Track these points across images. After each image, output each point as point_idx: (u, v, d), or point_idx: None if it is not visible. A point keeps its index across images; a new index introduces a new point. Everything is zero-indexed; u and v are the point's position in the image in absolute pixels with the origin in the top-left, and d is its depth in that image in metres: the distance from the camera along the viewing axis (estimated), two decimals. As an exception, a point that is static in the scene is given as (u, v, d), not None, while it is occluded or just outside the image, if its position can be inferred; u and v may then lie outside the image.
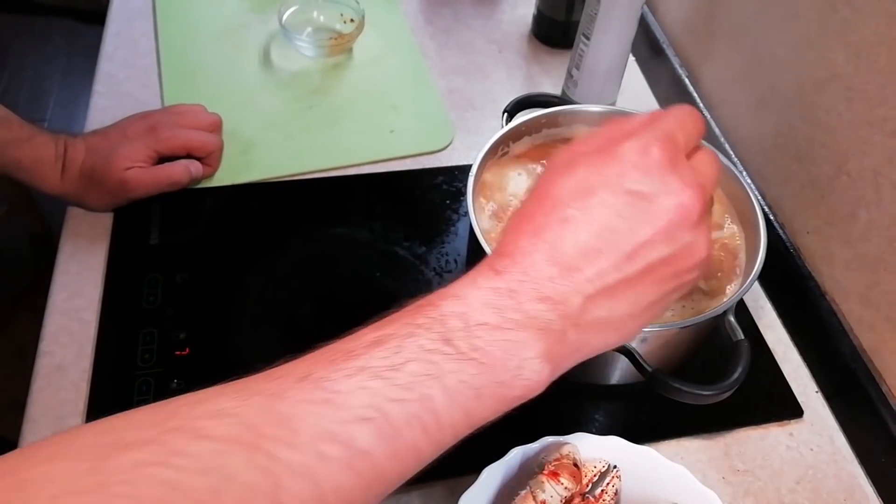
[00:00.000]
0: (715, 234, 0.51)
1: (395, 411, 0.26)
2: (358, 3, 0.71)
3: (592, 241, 0.29)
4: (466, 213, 0.51)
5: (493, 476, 0.40)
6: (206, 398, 0.25)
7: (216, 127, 0.60)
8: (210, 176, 0.59)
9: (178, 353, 0.49)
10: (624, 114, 0.54)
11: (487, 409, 0.28)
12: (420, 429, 0.26)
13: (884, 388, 0.47)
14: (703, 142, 0.35)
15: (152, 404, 0.25)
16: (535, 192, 0.32)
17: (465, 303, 0.28)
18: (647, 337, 0.43)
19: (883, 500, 0.47)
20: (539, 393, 0.29)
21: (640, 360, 0.42)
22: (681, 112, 0.33)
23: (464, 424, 0.28)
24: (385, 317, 0.29)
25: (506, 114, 0.55)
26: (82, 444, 0.23)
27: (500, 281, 0.29)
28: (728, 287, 0.48)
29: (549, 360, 0.29)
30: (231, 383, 0.26)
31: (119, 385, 0.47)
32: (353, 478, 0.25)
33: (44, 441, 0.23)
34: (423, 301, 0.29)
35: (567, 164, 0.31)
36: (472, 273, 0.30)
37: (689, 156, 0.32)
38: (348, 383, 0.26)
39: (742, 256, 0.49)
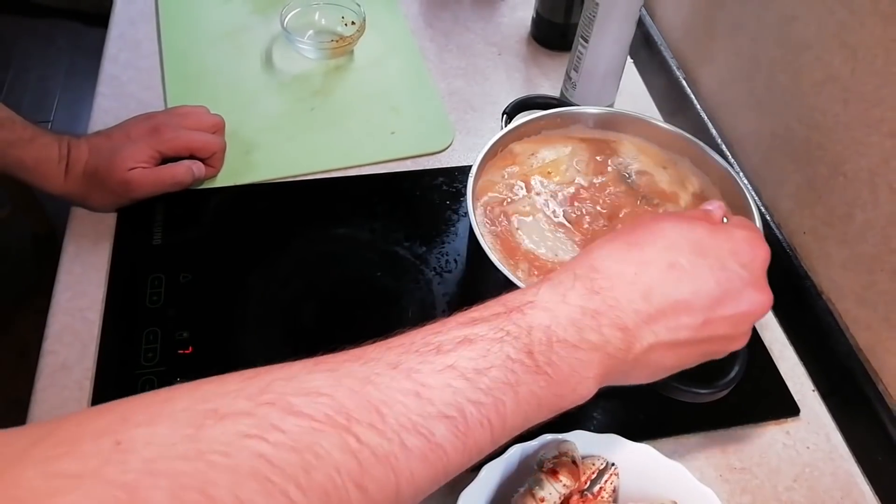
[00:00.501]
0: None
1: (471, 412, 0.27)
2: (359, 5, 0.72)
3: (688, 296, 0.32)
4: (466, 214, 0.51)
5: (492, 473, 0.40)
6: (298, 373, 0.26)
7: (219, 128, 0.60)
8: (213, 177, 0.60)
9: (181, 351, 0.49)
10: (625, 116, 0.55)
11: (542, 415, 0.30)
12: (488, 429, 0.28)
13: (880, 387, 0.48)
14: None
15: (241, 372, 0.26)
16: (649, 227, 0.34)
17: (552, 316, 0.30)
18: (645, 336, 0.43)
19: (879, 498, 0.47)
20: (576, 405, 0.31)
21: (638, 359, 0.42)
22: (760, 239, 0.37)
23: (522, 427, 0.30)
24: (470, 308, 0.30)
25: (505, 115, 0.56)
26: (180, 408, 0.24)
27: (591, 301, 0.31)
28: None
29: (598, 382, 0.31)
30: (320, 359, 0.27)
31: (122, 384, 0.47)
32: (426, 468, 0.26)
33: (137, 399, 0.24)
34: (511, 300, 0.30)
35: (685, 220, 0.34)
36: (563, 282, 0.31)
37: None
38: (436, 378, 0.27)
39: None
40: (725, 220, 0.39)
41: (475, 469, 0.40)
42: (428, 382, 0.27)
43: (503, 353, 0.28)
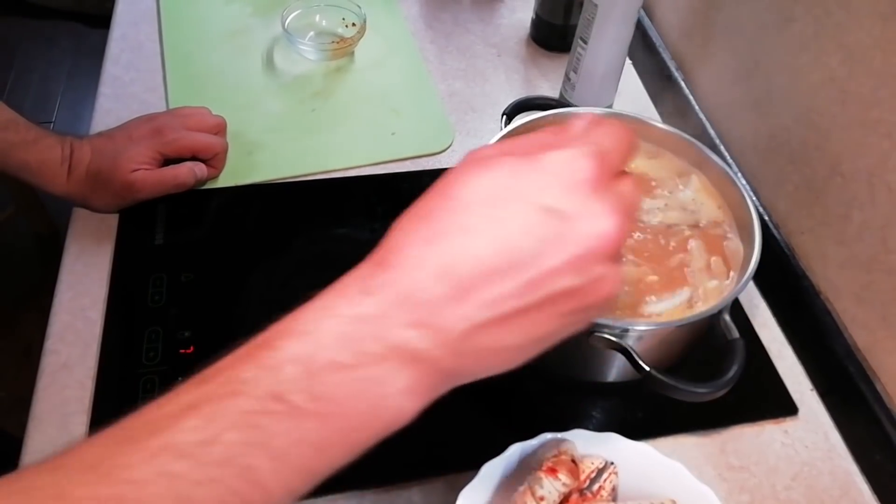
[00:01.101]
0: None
1: (203, 495, 0.22)
2: (359, 7, 0.72)
3: (494, 259, 0.25)
4: (466, 214, 0.51)
5: (492, 472, 0.41)
6: None
7: (221, 129, 0.60)
8: (214, 177, 0.60)
9: (182, 351, 0.49)
10: (624, 117, 0.55)
11: (336, 458, 0.25)
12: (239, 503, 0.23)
13: (878, 386, 0.48)
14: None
15: None
16: (438, 188, 0.27)
17: (312, 340, 0.24)
18: (644, 335, 0.44)
19: (877, 496, 0.47)
20: (409, 421, 0.26)
21: (637, 359, 0.42)
22: (619, 128, 0.29)
23: (305, 481, 0.24)
24: (218, 361, 0.25)
25: (505, 116, 0.56)
26: None
27: (366, 305, 0.24)
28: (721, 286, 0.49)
29: (417, 393, 0.25)
30: (19, 475, 0.22)
31: (124, 383, 0.48)
32: None
33: None
34: (261, 338, 0.25)
35: (482, 162, 0.27)
36: (336, 290, 0.25)
37: (615, 179, 0.28)
38: (147, 469, 0.22)
39: (738, 257, 0.50)
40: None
41: (475, 467, 0.40)
42: (136, 478, 0.21)
43: (236, 410, 0.23)
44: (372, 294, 0.25)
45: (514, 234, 0.25)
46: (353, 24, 0.73)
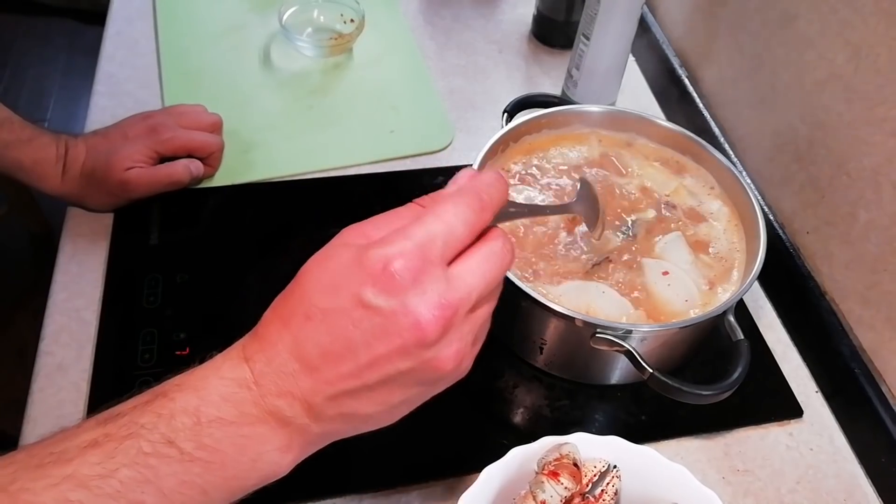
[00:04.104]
0: (714, 238, 0.51)
1: None
2: (358, 3, 0.71)
3: (332, 345, 0.28)
4: (466, 213, 0.51)
5: (493, 476, 0.40)
6: None
7: (216, 127, 0.60)
8: (210, 176, 0.59)
9: (178, 352, 0.49)
10: (627, 114, 0.54)
11: (217, 501, 0.28)
12: None
13: (883, 388, 0.47)
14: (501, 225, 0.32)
15: None
16: (297, 276, 0.30)
17: (201, 395, 0.28)
18: (647, 337, 0.43)
19: (883, 500, 0.47)
20: (285, 473, 0.30)
21: (640, 360, 0.42)
22: (451, 206, 0.30)
23: None
24: (121, 402, 0.28)
25: (506, 114, 0.55)
26: None
27: (244, 370, 0.28)
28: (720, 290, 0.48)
29: (291, 450, 0.29)
30: None
31: (119, 384, 0.47)
32: None
33: None
34: (160, 388, 0.28)
35: (329, 251, 0.30)
36: (223, 356, 0.29)
37: (464, 251, 0.30)
38: (50, 494, 0.25)
39: (741, 256, 0.50)
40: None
41: (476, 471, 0.40)
42: (39, 502, 0.25)
43: (133, 450, 0.26)
44: (249, 361, 0.29)
45: (342, 327, 0.28)
46: (352, 21, 0.72)
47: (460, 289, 0.29)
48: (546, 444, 0.41)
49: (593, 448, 0.42)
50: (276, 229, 0.57)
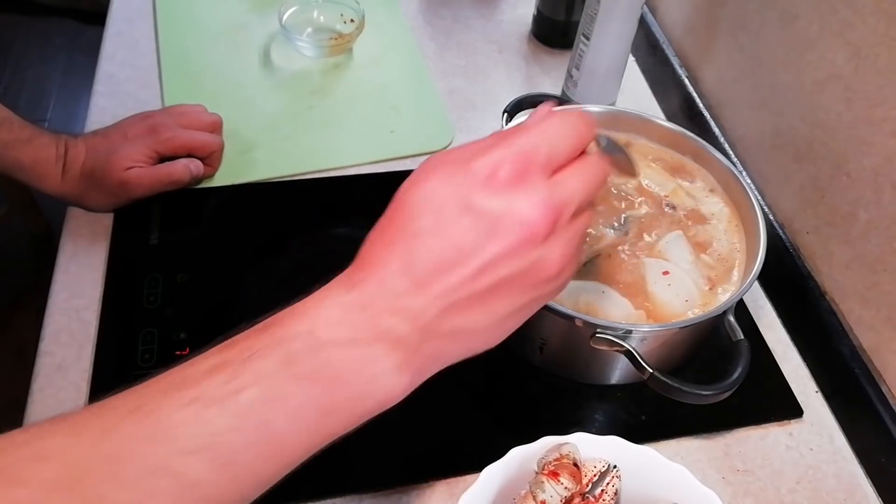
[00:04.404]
0: (715, 239, 0.51)
1: (230, 440, 0.25)
2: (358, 3, 0.71)
3: (442, 256, 0.29)
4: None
5: (492, 476, 0.40)
6: (33, 437, 0.24)
7: (216, 127, 0.60)
8: (210, 176, 0.59)
9: (178, 352, 0.49)
10: (627, 114, 0.54)
11: (339, 423, 0.28)
12: (260, 455, 0.26)
13: (883, 388, 0.47)
14: (608, 146, 0.34)
15: None
16: (394, 202, 0.31)
17: (313, 321, 0.28)
18: (647, 337, 0.43)
19: (883, 500, 0.47)
20: (400, 398, 0.29)
21: (640, 360, 0.42)
22: (555, 122, 0.31)
23: (312, 443, 0.28)
24: (233, 336, 0.28)
25: (506, 114, 0.55)
26: None
27: (352, 295, 0.29)
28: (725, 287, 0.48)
29: (405, 371, 0.29)
30: (65, 416, 0.25)
31: (119, 385, 0.46)
32: None
33: None
34: (271, 319, 0.29)
35: (424, 174, 0.31)
36: (327, 287, 0.30)
37: (564, 166, 0.31)
38: (181, 414, 0.25)
39: (741, 256, 0.50)
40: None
41: (475, 471, 0.40)
42: (172, 420, 0.25)
43: (255, 371, 0.26)
44: (355, 287, 0.29)
45: (452, 235, 0.29)
46: (352, 21, 0.72)
47: (564, 193, 0.30)
48: (546, 444, 0.41)
49: (593, 448, 0.42)
50: (277, 229, 0.57)
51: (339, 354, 0.28)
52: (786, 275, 0.55)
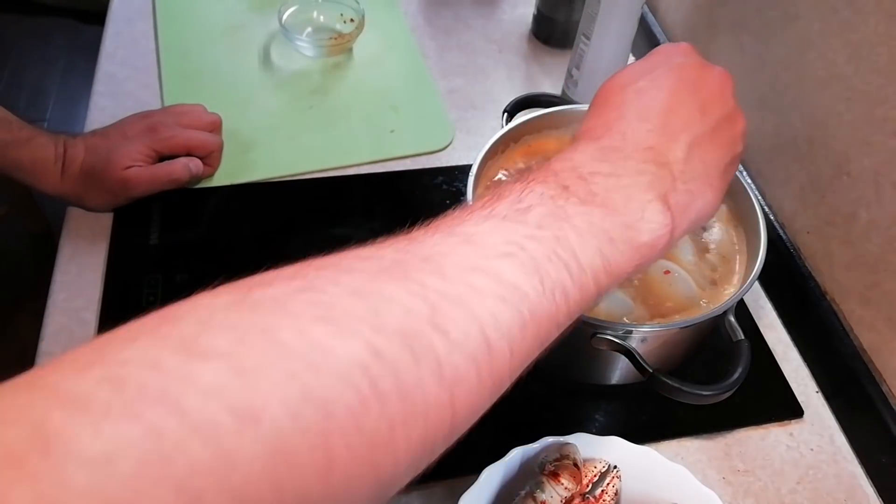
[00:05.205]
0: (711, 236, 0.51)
1: (533, 247, 0.25)
2: (358, 3, 0.71)
3: (669, 100, 0.32)
4: (466, 213, 0.50)
5: (493, 476, 0.40)
6: (338, 256, 0.24)
7: (216, 127, 0.60)
8: (210, 176, 0.59)
9: (177, 353, 0.49)
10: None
11: (624, 255, 0.28)
12: (563, 267, 0.26)
13: (884, 388, 0.47)
14: None
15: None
16: (598, 98, 0.34)
17: (573, 161, 0.29)
18: (647, 337, 0.43)
19: (883, 500, 0.47)
20: (667, 248, 0.30)
21: (641, 360, 0.42)
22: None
23: (602, 270, 0.27)
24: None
25: (506, 114, 0.55)
26: (220, 291, 0.22)
27: (602, 142, 0.30)
28: (727, 287, 0.48)
29: (668, 207, 0.30)
30: (354, 249, 0.25)
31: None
32: (507, 310, 0.24)
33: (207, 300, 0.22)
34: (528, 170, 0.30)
35: (622, 71, 0.34)
36: (570, 147, 0.31)
37: None
38: (481, 227, 0.26)
39: (741, 256, 0.49)
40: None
41: (476, 472, 0.40)
42: (475, 231, 0.25)
43: (537, 194, 0.27)
44: (602, 138, 0.31)
45: (671, 83, 0.33)
46: (352, 20, 0.72)
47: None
48: (546, 444, 0.41)
49: (593, 448, 0.42)
50: (276, 229, 0.57)
51: (606, 183, 0.28)
52: (786, 275, 0.55)
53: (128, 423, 0.17)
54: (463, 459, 0.45)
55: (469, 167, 0.48)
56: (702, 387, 0.41)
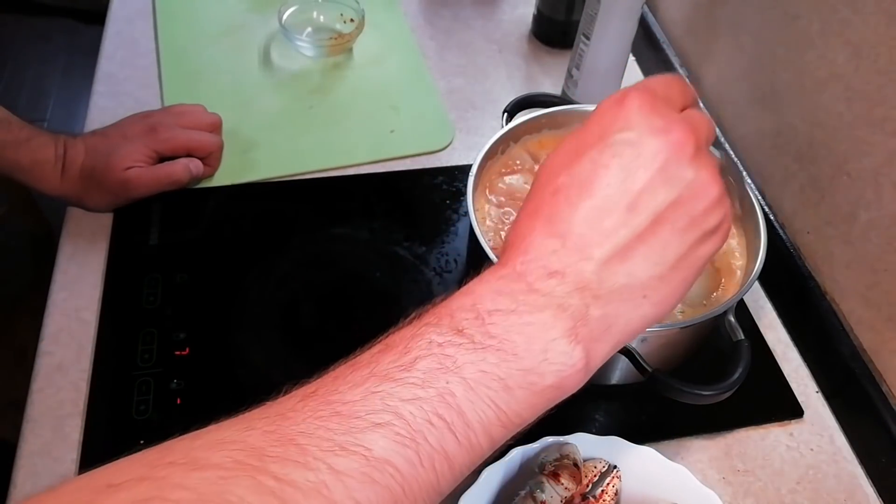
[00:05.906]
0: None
1: (411, 411, 0.24)
2: (358, 2, 0.71)
3: (589, 202, 0.27)
4: (466, 213, 0.51)
5: (493, 476, 0.40)
6: (205, 433, 0.23)
7: (216, 127, 0.60)
8: (210, 176, 0.59)
9: (177, 353, 0.49)
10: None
11: (521, 401, 0.26)
12: (446, 429, 0.24)
13: (884, 388, 0.47)
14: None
15: (148, 449, 0.23)
16: (532, 183, 0.31)
17: (473, 296, 0.27)
18: (647, 337, 0.43)
19: (883, 500, 0.47)
20: (580, 384, 0.27)
21: (641, 360, 0.42)
22: (660, 77, 0.31)
23: (496, 422, 0.25)
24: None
25: (506, 114, 0.55)
26: (72, 489, 0.21)
27: (507, 269, 0.28)
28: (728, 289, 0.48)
29: (577, 341, 0.27)
30: (234, 418, 0.24)
31: (119, 385, 0.47)
32: (376, 491, 0.23)
33: (34, 496, 0.21)
34: (430, 305, 0.28)
35: (556, 149, 0.30)
36: (476, 277, 0.29)
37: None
38: (356, 392, 0.24)
39: (741, 257, 0.49)
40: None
41: (475, 472, 0.40)
42: (348, 398, 0.24)
43: (426, 342, 0.25)
44: (509, 263, 0.28)
45: (596, 176, 0.28)
46: (352, 20, 0.72)
47: (695, 117, 0.29)
48: (546, 444, 0.41)
49: (594, 448, 0.42)
50: (276, 229, 0.57)
51: (504, 323, 0.26)
52: (786, 275, 0.55)
53: None
54: (463, 459, 0.45)
55: (469, 167, 0.48)
56: (702, 387, 0.41)
